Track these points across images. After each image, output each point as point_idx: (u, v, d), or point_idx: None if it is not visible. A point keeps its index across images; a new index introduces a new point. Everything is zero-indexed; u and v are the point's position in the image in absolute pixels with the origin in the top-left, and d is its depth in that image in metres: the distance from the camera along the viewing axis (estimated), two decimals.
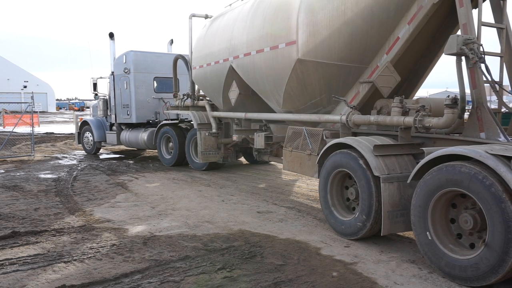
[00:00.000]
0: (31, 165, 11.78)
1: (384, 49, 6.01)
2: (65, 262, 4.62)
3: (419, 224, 4.40)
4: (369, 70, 6.21)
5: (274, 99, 7.31)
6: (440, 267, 4.20)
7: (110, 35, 13.58)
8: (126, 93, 12.67)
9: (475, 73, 4.79)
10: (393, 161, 5.08)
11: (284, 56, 6.47)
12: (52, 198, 7.74)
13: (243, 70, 7.84)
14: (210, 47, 9.01)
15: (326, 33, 6.04)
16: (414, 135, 5.36)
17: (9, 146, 14.99)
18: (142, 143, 12.50)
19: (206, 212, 6.77)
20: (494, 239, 3.71)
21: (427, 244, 4.32)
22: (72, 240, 5.39)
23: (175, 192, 8.25)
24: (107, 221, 6.25)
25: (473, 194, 3.88)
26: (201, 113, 10.20)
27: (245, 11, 7.84)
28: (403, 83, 6.72)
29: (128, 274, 4.29)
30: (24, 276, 4.27)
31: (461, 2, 5.04)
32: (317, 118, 6.55)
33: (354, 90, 6.41)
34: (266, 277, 4.22)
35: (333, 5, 5.97)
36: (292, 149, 6.86)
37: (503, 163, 3.67)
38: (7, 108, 25.21)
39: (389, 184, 4.89)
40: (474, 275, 3.87)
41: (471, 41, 4.70)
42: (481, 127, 4.78)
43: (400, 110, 5.41)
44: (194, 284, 4.08)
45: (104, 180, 9.56)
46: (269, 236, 5.53)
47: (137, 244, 5.19)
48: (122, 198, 7.77)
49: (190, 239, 5.40)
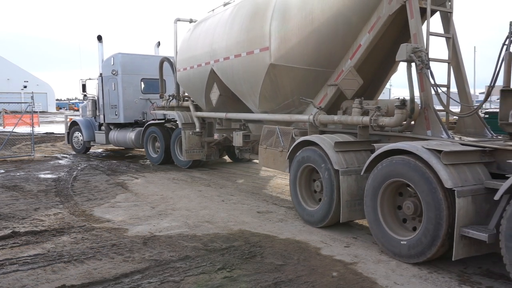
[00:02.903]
0: (31, 165, 11.84)
1: (348, 55, 6.60)
2: (65, 262, 4.63)
3: (371, 211, 5.01)
4: (335, 74, 6.79)
5: (251, 100, 7.88)
6: (389, 249, 4.80)
7: (98, 38, 14.04)
8: (114, 94, 13.15)
9: (423, 78, 5.41)
10: (351, 156, 5.68)
11: (259, 60, 7.04)
12: (52, 198, 7.76)
13: (223, 73, 8.40)
14: (193, 50, 9.54)
15: (296, 40, 6.62)
16: (373, 133, 5.96)
17: (9, 146, 14.90)
18: (130, 142, 12.99)
19: (206, 212, 6.81)
20: (428, 223, 4.32)
21: (378, 228, 4.93)
22: (72, 240, 5.40)
23: (175, 192, 8.30)
24: (107, 221, 6.27)
25: (412, 183, 4.50)
26: (185, 113, 10.73)
27: (225, 18, 8.39)
28: (368, 86, 7.33)
29: (128, 274, 4.30)
30: (24, 276, 4.27)
31: (412, 14, 5.66)
32: (288, 118, 7.14)
33: (323, 92, 7.00)
34: (266, 277, 4.22)
35: (302, 15, 6.55)
36: (266, 147, 7.45)
37: (435, 156, 4.29)
38: (7, 108, 24.72)
39: (347, 176, 5.50)
40: (415, 253, 4.48)
41: (418, 49, 5.31)
42: (428, 126, 5.40)
43: (360, 111, 6.01)
44: (194, 284, 4.09)
45: (104, 180, 9.60)
46: (269, 236, 5.55)
47: (137, 244, 5.20)
48: (122, 198, 7.81)
49: (190, 239, 5.41)
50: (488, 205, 4.16)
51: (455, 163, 4.25)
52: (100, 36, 14.09)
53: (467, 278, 4.25)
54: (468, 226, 4.07)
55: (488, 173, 4.37)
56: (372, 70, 7.11)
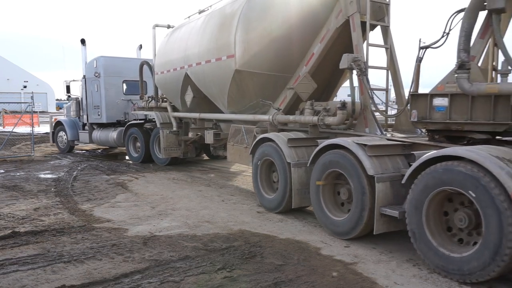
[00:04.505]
0: (31, 165, 11.93)
1: (304, 62, 7.48)
2: (65, 262, 4.64)
3: (315, 197, 5.89)
4: (293, 79, 7.66)
5: (220, 102, 8.71)
6: (329, 228, 5.67)
7: (81, 41, 14.68)
8: (97, 95, 13.82)
9: (362, 83, 6.31)
10: (303, 151, 6.55)
11: (226, 66, 7.86)
12: (52, 198, 7.78)
13: (196, 77, 9.21)
14: (170, 55, 10.32)
15: (257, 48, 7.46)
16: (323, 130, 6.84)
17: (9, 146, 14.83)
18: (112, 141, 13.67)
19: (206, 212, 6.84)
20: (356, 204, 5.21)
21: (321, 212, 5.80)
22: (72, 240, 5.41)
23: (175, 192, 8.34)
24: (107, 221, 6.29)
25: (345, 172, 5.39)
26: (163, 114, 11.49)
27: (198, 26, 9.20)
28: (324, 89, 8.22)
29: (128, 274, 4.31)
30: (24, 276, 4.27)
31: (354, 27, 6.56)
32: (252, 118, 7.99)
33: (283, 95, 7.86)
34: (266, 277, 4.23)
35: (262, 26, 7.40)
36: (234, 144, 8.29)
37: (362, 149, 5.18)
38: (7, 108, 24.41)
39: (298, 168, 6.37)
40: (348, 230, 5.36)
41: (358, 59, 6.21)
42: (366, 124, 6.31)
43: (311, 111, 6.88)
44: (194, 284, 4.09)
45: (104, 180, 9.65)
46: (269, 236, 5.58)
47: (137, 244, 5.22)
48: (122, 198, 7.84)
49: (190, 239, 5.43)
50: (404, 189, 5.05)
51: (378, 154, 5.14)
52: (84, 40, 14.71)
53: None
54: (387, 206, 4.96)
55: (407, 163, 5.27)
56: (326, 75, 8.01)
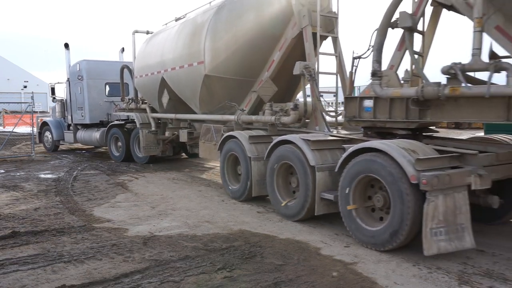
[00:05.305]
0: (31, 165, 12.05)
1: (266, 67, 8.37)
2: (65, 262, 4.65)
3: (270, 185, 6.78)
4: (256, 83, 8.55)
5: (193, 104, 9.55)
6: (280, 212, 6.56)
7: (65, 45, 15.39)
8: (80, 97, 14.53)
9: (313, 87, 7.22)
10: (262, 146, 7.44)
11: (197, 72, 8.71)
12: (52, 198, 7.83)
13: (171, 81, 10.03)
14: (148, 60, 11.12)
15: (224, 55, 8.32)
16: (280, 128, 7.73)
17: (9, 146, 14.92)
18: (95, 141, 14.39)
19: (206, 212, 6.89)
20: (301, 191, 6.11)
21: (275, 199, 6.70)
22: (72, 240, 5.42)
23: (175, 192, 8.43)
24: (107, 221, 6.34)
25: (293, 164, 6.29)
26: (143, 114, 12.27)
27: (173, 34, 10.02)
28: (285, 92, 9.13)
29: (128, 274, 4.31)
30: (24, 276, 4.27)
31: (306, 38, 7.48)
32: (220, 118, 8.86)
33: (248, 97, 8.74)
34: (266, 277, 4.23)
35: (228, 36, 8.26)
36: (204, 141, 9.16)
37: (306, 144, 6.09)
38: (7, 108, 24.45)
39: (257, 162, 7.27)
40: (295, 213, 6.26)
41: (308, 66, 7.12)
42: (316, 123, 7.24)
43: (271, 112, 7.77)
44: (194, 284, 4.09)
45: (104, 180, 9.73)
46: (269, 236, 5.61)
47: (137, 244, 5.23)
48: (122, 198, 7.90)
49: (190, 239, 5.45)
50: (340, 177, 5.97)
51: (319, 148, 6.06)
52: (67, 44, 15.43)
53: (467, 278, 4.26)
54: (326, 191, 5.87)
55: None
56: (286, 79, 8.90)
